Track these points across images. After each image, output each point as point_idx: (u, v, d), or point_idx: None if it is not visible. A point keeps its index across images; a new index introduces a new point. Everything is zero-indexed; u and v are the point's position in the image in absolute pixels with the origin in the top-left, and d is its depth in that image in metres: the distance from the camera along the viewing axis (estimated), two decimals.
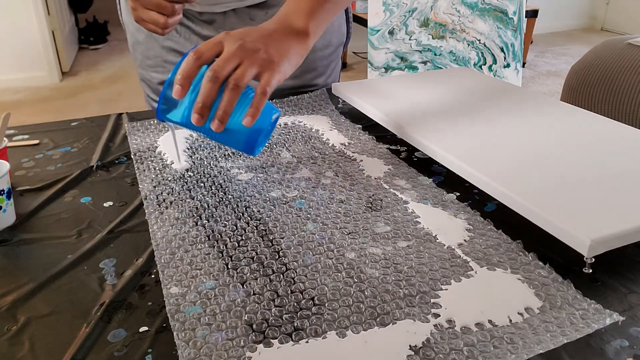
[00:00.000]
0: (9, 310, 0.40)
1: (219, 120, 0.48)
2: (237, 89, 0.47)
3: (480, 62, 2.42)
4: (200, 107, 0.47)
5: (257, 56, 0.49)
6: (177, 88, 0.47)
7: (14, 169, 0.62)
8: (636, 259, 0.45)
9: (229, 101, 0.47)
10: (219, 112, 0.47)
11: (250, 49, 0.49)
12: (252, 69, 0.48)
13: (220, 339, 0.36)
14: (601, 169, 0.52)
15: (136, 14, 0.63)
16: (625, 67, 1.23)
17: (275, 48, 0.50)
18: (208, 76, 0.47)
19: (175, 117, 0.50)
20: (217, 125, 0.48)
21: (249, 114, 0.48)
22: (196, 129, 0.51)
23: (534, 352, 0.35)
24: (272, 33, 0.52)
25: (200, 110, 0.47)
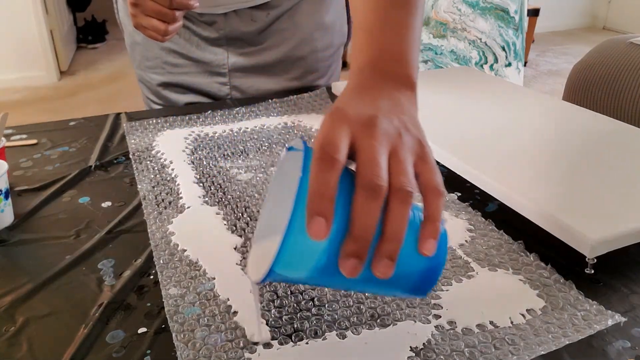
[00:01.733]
0: (7, 310, 0.40)
1: (389, 258, 0.29)
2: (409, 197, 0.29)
3: (482, 61, 2.41)
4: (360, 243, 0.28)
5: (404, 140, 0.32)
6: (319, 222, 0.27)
7: (12, 168, 0.61)
8: (638, 260, 0.45)
9: (401, 222, 0.29)
10: (387, 245, 0.29)
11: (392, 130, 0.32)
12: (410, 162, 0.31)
13: (219, 340, 0.36)
14: (603, 169, 0.52)
15: (136, 20, 0.61)
16: (627, 67, 1.23)
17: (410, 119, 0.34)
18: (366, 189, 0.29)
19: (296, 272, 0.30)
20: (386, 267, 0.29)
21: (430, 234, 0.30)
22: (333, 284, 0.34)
23: (535, 353, 0.35)
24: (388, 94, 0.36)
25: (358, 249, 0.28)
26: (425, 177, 0.32)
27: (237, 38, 0.80)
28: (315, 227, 0.27)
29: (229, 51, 0.80)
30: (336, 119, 0.32)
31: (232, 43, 0.80)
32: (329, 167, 0.28)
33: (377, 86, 0.37)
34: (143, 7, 0.59)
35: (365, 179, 0.29)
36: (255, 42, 0.81)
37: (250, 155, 0.64)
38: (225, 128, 0.71)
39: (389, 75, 0.38)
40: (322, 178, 0.28)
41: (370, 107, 0.34)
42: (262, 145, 0.66)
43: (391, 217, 0.29)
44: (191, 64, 0.81)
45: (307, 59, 0.84)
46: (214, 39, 0.79)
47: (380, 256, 0.29)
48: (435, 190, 0.31)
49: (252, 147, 0.66)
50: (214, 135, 0.69)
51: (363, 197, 0.28)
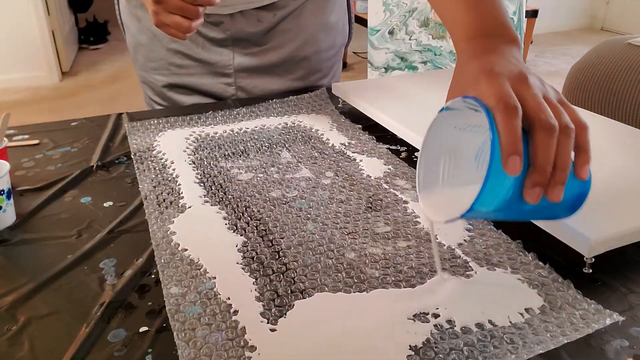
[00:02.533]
0: (9, 310, 0.40)
1: (561, 184, 0.35)
2: (571, 133, 0.36)
3: None
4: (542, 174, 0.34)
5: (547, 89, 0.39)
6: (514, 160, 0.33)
7: (14, 169, 0.62)
8: (636, 259, 0.45)
9: (568, 153, 0.36)
10: (559, 174, 0.35)
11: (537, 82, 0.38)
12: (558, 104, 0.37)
13: (220, 339, 0.36)
14: (602, 169, 0.52)
15: (158, 18, 0.60)
16: (626, 67, 1.23)
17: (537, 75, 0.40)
18: (544, 129, 0.35)
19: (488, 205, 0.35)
20: (559, 192, 0.35)
21: (584, 161, 0.37)
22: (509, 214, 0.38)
23: (534, 352, 0.35)
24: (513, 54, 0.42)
25: (541, 179, 0.34)
26: (572, 116, 0.37)
27: (243, 39, 0.80)
28: (512, 164, 0.33)
29: (235, 52, 0.81)
30: (496, 78, 0.37)
31: (237, 44, 0.80)
32: (513, 114, 0.34)
33: (499, 48, 0.42)
34: (166, 4, 0.59)
35: (541, 121, 0.35)
36: (260, 42, 0.81)
37: (250, 155, 0.64)
38: (226, 128, 0.71)
39: (501, 39, 0.44)
40: (510, 125, 0.34)
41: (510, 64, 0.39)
42: (262, 146, 0.66)
43: (560, 150, 0.35)
44: (196, 64, 0.81)
45: (311, 59, 0.85)
46: (219, 40, 0.80)
47: (555, 183, 0.35)
48: (582, 125, 0.37)
49: (253, 147, 0.66)
50: (214, 135, 0.69)
51: (542, 135, 0.34)
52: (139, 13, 0.81)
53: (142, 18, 0.81)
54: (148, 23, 0.81)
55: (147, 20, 0.81)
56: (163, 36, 0.80)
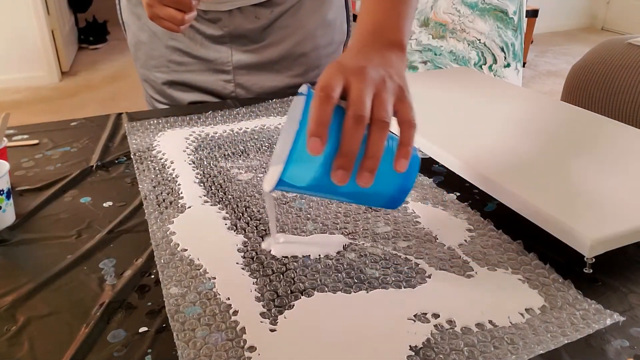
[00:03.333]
0: (9, 310, 0.40)
1: (369, 171, 0.38)
2: (385, 126, 0.38)
3: (481, 62, 2.42)
4: (346, 158, 0.37)
5: (387, 85, 0.40)
6: (315, 141, 0.36)
7: (13, 169, 0.62)
8: (636, 259, 0.45)
9: (379, 143, 0.38)
10: (368, 161, 0.38)
11: (377, 77, 0.40)
12: (390, 101, 0.40)
13: (220, 340, 0.36)
14: (602, 169, 0.52)
15: (152, 10, 0.62)
16: (626, 67, 1.23)
17: (394, 71, 0.43)
18: (352, 117, 0.37)
19: (300, 181, 0.39)
20: (366, 178, 0.38)
21: (402, 154, 0.39)
22: (325, 191, 0.41)
23: (534, 352, 0.35)
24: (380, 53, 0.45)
25: (345, 163, 0.37)
26: (401, 113, 0.40)
27: (241, 35, 0.80)
28: (313, 144, 0.36)
29: (233, 49, 0.81)
30: (334, 69, 0.41)
31: (235, 40, 0.80)
32: (325, 102, 0.37)
33: (373, 47, 0.46)
34: None
35: (352, 110, 0.38)
36: (258, 39, 0.81)
37: (250, 155, 0.64)
38: (226, 128, 0.71)
39: (384, 39, 0.47)
40: (319, 110, 0.37)
41: (363, 61, 0.43)
42: (262, 146, 0.66)
43: (371, 140, 0.38)
44: (196, 62, 0.81)
45: (310, 56, 0.85)
46: (218, 37, 0.80)
47: (363, 169, 0.38)
48: (409, 122, 0.40)
49: (253, 147, 0.66)
50: (214, 135, 0.69)
51: (350, 123, 0.37)
52: (139, 11, 0.81)
53: (142, 16, 0.81)
54: (148, 21, 0.81)
55: (147, 18, 0.81)
56: (163, 34, 0.80)
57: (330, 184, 0.38)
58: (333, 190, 0.40)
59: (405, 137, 0.40)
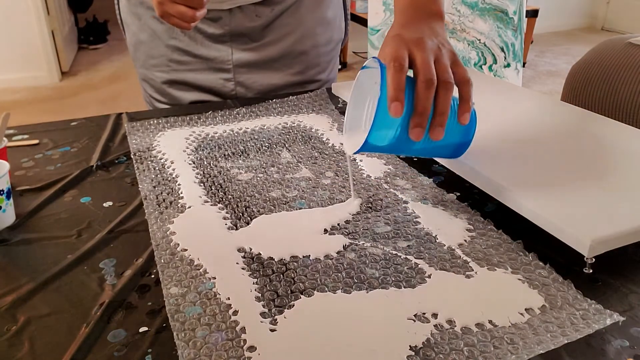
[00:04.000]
0: (9, 310, 0.40)
1: (440, 126, 0.45)
2: (450, 86, 0.45)
3: (481, 62, 2.41)
4: (421, 117, 0.44)
5: (442, 51, 0.47)
6: (396, 105, 0.43)
7: (13, 168, 0.62)
8: (637, 259, 0.45)
9: (446, 101, 0.45)
10: (438, 118, 0.45)
11: (434, 46, 0.47)
12: (448, 64, 0.47)
13: (220, 339, 0.36)
14: (602, 169, 0.52)
15: (162, 8, 0.62)
16: (626, 67, 1.23)
17: (441, 38, 0.50)
18: (423, 82, 0.44)
19: (381, 141, 0.46)
20: (438, 132, 0.45)
21: (465, 109, 0.46)
22: (402, 149, 0.48)
23: (534, 352, 0.35)
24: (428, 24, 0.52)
25: (420, 121, 0.44)
26: (459, 74, 0.47)
27: (241, 34, 0.80)
28: (395, 108, 0.43)
29: (233, 47, 0.81)
30: (397, 41, 0.47)
31: (236, 39, 0.81)
32: (399, 71, 0.44)
33: (419, 19, 0.53)
34: None
35: (423, 75, 0.44)
36: (258, 37, 0.81)
37: (250, 155, 0.64)
38: (226, 128, 0.71)
39: (426, 11, 0.54)
40: (395, 78, 0.44)
41: (417, 32, 0.49)
42: (262, 146, 0.66)
43: (439, 100, 0.45)
44: (196, 60, 0.82)
45: (309, 54, 0.85)
46: (218, 36, 0.80)
47: (434, 125, 0.45)
48: (466, 81, 0.47)
49: (253, 147, 0.66)
50: (214, 135, 0.69)
51: (423, 87, 0.44)
52: (139, 11, 0.81)
53: (142, 16, 0.81)
54: (148, 21, 0.81)
55: (147, 18, 0.81)
56: (162, 33, 0.80)
57: (406, 141, 0.45)
58: (409, 147, 0.47)
59: (465, 94, 0.46)
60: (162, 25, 0.80)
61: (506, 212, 0.49)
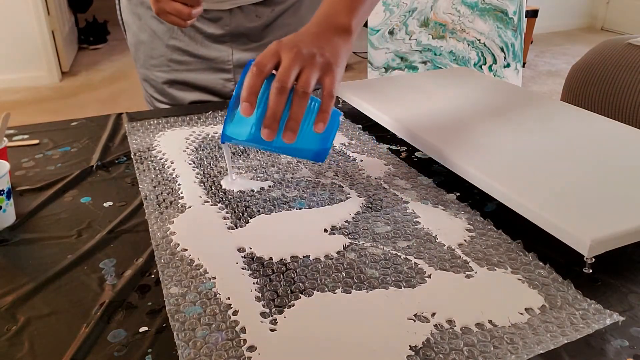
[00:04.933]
0: (9, 310, 0.40)
1: (291, 131, 0.47)
2: (305, 96, 0.47)
3: (480, 62, 2.42)
4: (271, 120, 0.46)
5: (316, 61, 0.48)
6: (245, 105, 0.46)
7: (13, 168, 0.62)
8: (636, 259, 0.45)
9: (299, 109, 0.47)
10: (290, 123, 0.47)
11: (307, 54, 0.48)
12: (314, 74, 0.48)
13: (220, 339, 0.36)
14: (601, 169, 0.52)
15: (159, 5, 0.63)
16: (625, 67, 1.23)
17: (329, 50, 0.50)
18: (276, 88, 0.46)
19: (240, 136, 0.50)
20: (289, 136, 0.47)
21: (321, 119, 0.48)
22: (262, 145, 0.51)
23: (534, 352, 0.35)
24: (320, 35, 0.52)
25: (270, 123, 0.46)
26: (325, 85, 0.49)
27: (242, 34, 0.80)
28: (244, 108, 0.46)
29: (233, 47, 0.81)
30: (272, 47, 0.49)
31: (236, 39, 0.81)
32: (256, 76, 0.47)
33: (318, 29, 0.53)
34: None
35: (278, 80, 0.47)
36: (259, 37, 0.82)
37: (250, 155, 0.64)
38: None
39: (332, 23, 0.54)
40: (250, 82, 0.47)
41: (301, 40, 0.50)
42: None
43: (293, 106, 0.47)
44: (196, 61, 0.82)
45: None
46: (218, 36, 0.80)
47: (286, 129, 0.47)
48: (330, 93, 0.49)
49: (253, 147, 0.66)
50: (214, 135, 0.69)
51: (274, 92, 0.46)
52: (139, 11, 0.81)
53: (142, 16, 0.81)
54: (148, 21, 0.81)
55: (148, 18, 0.81)
56: (163, 33, 0.80)
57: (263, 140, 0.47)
58: (268, 144, 0.50)
59: (324, 105, 0.48)
60: (163, 26, 0.80)
61: (506, 212, 0.49)
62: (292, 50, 0.48)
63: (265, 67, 0.47)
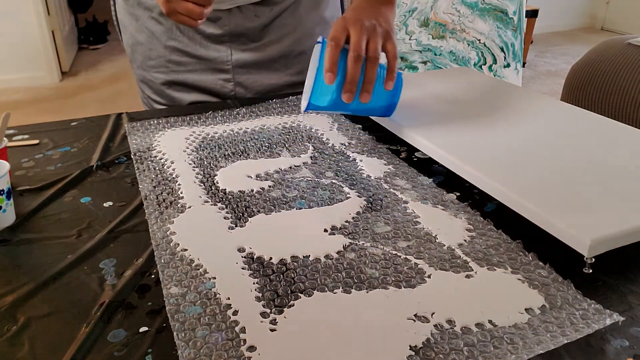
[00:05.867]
0: (9, 310, 0.40)
1: (367, 92, 0.57)
2: (376, 61, 0.57)
3: (480, 62, 2.41)
4: (351, 85, 0.56)
5: (377, 31, 0.58)
6: (330, 75, 0.55)
7: (13, 168, 0.62)
8: (636, 259, 0.45)
9: (373, 72, 0.57)
10: (366, 85, 0.57)
11: (369, 26, 0.58)
12: (379, 42, 0.57)
13: (220, 339, 0.36)
14: (601, 169, 0.52)
15: (170, 6, 0.63)
16: (625, 67, 1.23)
17: (383, 20, 0.60)
18: (353, 57, 0.56)
19: (323, 103, 0.59)
20: (366, 97, 0.57)
21: (390, 78, 0.58)
22: (341, 108, 0.60)
23: (534, 352, 0.35)
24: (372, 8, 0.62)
25: (350, 88, 0.56)
26: (388, 50, 0.59)
27: (241, 34, 0.80)
28: (328, 77, 0.56)
29: (232, 48, 0.81)
30: (339, 23, 0.58)
31: (235, 39, 0.81)
32: (334, 48, 0.56)
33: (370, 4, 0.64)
34: None
35: (353, 52, 0.56)
36: (258, 37, 0.81)
37: (250, 155, 0.64)
38: (226, 128, 0.71)
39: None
40: (330, 54, 0.56)
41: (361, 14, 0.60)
42: (262, 146, 0.66)
43: (366, 71, 0.57)
44: (195, 61, 0.82)
45: (308, 54, 0.85)
46: (217, 36, 0.80)
47: (362, 91, 0.58)
48: (393, 56, 0.59)
49: (253, 147, 0.66)
50: (214, 135, 0.69)
51: (352, 61, 0.56)
52: (136, 12, 0.81)
53: (140, 17, 0.81)
54: (146, 22, 0.81)
55: (145, 19, 0.81)
56: (161, 34, 0.80)
57: (342, 103, 0.58)
58: (346, 107, 0.59)
59: (391, 66, 0.59)
60: (161, 26, 0.80)
61: (506, 212, 0.49)
62: (357, 24, 0.57)
63: (341, 40, 0.56)
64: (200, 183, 0.58)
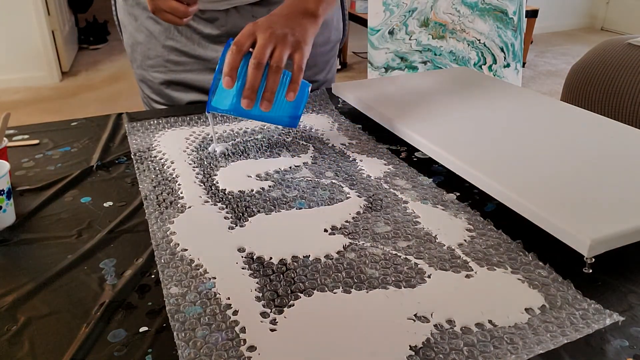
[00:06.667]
0: (9, 310, 0.40)
1: (267, 101, 0.56)
2: (279, 70, 0.56)
3: (480, 62, 2.41)
4: (249, 92, 0.55)
5: (287, 39, 0.57)
6: (227, 79, 0.54)
7: (13, 169, 0.62)
8: (636, 259, 0.45)
9: (274, 82, 0.56)
10: (266, 93, 0.56)
11: (280, 34, 0.56)
12: (286, 51, 0.56)
13: (220, 339, 0.36)
14: (601, 169, 0.52)
15: (155, 3, 0.64)
16: (625, 67, 1.23)
17: (298, 30, 0.59)
18: (253, 64, 0.55)
19: (224, 106, 0.58)
20: (266, 105, 0.56)
21: (291, 89, 0.57)
22: (243, 114, 0.59)
23: (534, 352, 0.35)
24: (291, 17, 0.60)
25: (249, 94, 0.55)
26: (295, 60, 0.58)
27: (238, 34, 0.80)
28: (225, 81, 0.55)
29: None
30: (248, 27, 0.57)
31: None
32: (235, 52, 0.55)
33: (289, 12, 0.62)
34: None
35: (255, 57, 0.55)
36: None
37: (250, 155, 0.64)
38: (226, 128, 0.71)
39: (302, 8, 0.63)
40: (231, 58, 0.55)
41: (274, 21, 0.58)
42: (262, 145, 0.66)
43: (268, 79, 0.56)
44: (193, 61, 0.82)
45: None
46: (215, 36, 0.80)
47: (262, 99, 0.56)
48: (299, 67, 0.58)
49: (253, 147, 0.66)
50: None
51: (252, 67, 0.55)
52: (135, 12, 0.81)
53: (138, 17, 0.81)
54: (145, 21, 0.81)
55: (144, 19, 0.81)
56: (159, 34, 0.80)
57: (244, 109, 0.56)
58: (247, 113, 0.59)
59: (294, 77, 0.57)
60: (159, 26, 0.80)
61: (506, 212, 0.49)
62: (267, 30, 0.56)
63: (243, 45, 0.55)
64: (200, 183, 0.58)
